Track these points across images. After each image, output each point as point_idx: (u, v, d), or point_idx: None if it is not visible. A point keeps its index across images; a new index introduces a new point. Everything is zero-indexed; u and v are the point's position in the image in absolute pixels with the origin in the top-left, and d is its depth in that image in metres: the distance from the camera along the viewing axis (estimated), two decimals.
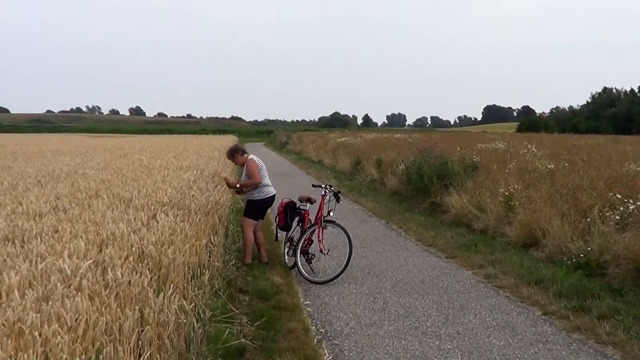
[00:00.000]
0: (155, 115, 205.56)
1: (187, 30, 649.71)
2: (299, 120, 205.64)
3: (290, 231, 8.41)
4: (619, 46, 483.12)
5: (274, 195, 8.49)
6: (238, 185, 8.43)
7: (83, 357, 3.29)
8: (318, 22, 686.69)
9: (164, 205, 7.83)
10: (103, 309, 3.82)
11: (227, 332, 5.17)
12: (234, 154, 8.65)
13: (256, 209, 8.35)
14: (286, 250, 8.43)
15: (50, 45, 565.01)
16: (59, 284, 4.02)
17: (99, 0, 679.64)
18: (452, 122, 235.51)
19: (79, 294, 3.91)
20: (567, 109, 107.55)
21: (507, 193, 10.18)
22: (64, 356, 3.20)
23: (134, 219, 6.66)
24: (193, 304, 4.72)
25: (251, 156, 8.58)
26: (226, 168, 15.84)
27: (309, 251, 7.95)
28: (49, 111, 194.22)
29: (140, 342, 3.80)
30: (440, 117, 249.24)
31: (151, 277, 4.64)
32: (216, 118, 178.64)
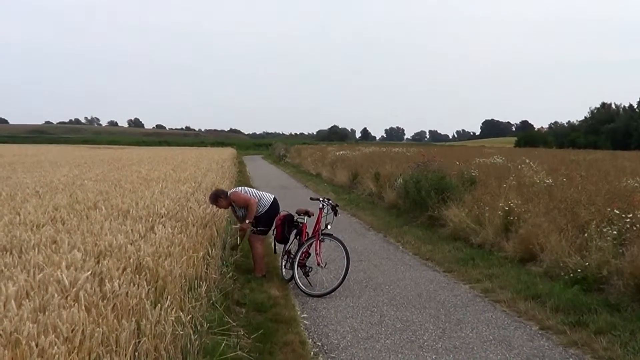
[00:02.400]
0: (153, 127, 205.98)
1: (186, 44, 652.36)
2: (298, 133, 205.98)
3: (288, 244, 8.40)
4: (617, 62, 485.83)
5: (274, 199, 8.49)
6: (248, 221, 8.30)
7: None
8: (317, 35, 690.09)
9: (162, 217, 7.85)
10: (100, 320, 3.82)
11: (223, 344, 5.15)
12: (217, 199, 8.47)
13: (263, 223, 8.33)
14: (283, 263, 8.42)
15: (49, 56, 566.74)
16: (56, 295, 4.03)
17: (98, 15, 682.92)
18: (450, 137, 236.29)
19: (76, 304, 3.92)
20: (565, 124, 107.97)
21: (506, 208, 10.19)
22: None
23: (132, 230, 6.67)
24: (190, 315, 4.71)
25: (231, 190, 8.59)
26: (224, 180, 15.87)
27: (307, 264, 7.93)
28: (47, 122, 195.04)
29: (136, 354, 3.79)
30: (438, 132, 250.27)
31: (148, 289, 4.65)
32: (215, 130, 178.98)
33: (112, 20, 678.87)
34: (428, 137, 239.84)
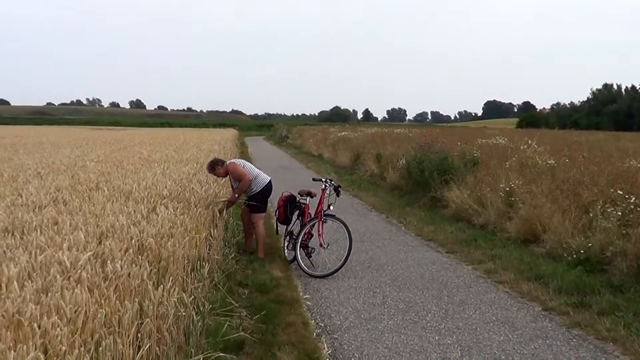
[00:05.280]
0: (155, 109, 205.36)
1: (188, 24, 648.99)
2: (299, 114, 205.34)
3: (290, 225, 8.38)
4: (620, 43, 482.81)
5: (270, 181, 8.47)
6: (237, 195, 8.38)
7: (82, 349, 3.28)
8: (319, 16, 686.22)
9: (164, 198, 7.84)
10: (102, 301, 3.82)
11: (226, 325, 5.16)
12: (214, 166, 8.54)
13: (260, 200, 8.33)
14: (286, 244, 8.41)
15: (51, 37, 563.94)
16: (58, 276, 4.03)
17: None
18: (452, 118, 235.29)
19: (79, 286, 3.91)
20: (567, 105, 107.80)
21: (507, 188, 10.15)
22: (63, 348, 3.20)
23: (134, 211, 6.66)
24: (192, 296, 4.71)
25: (230, 161, 8.59)
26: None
27: (309, 245, 7.93)
28: (49, 103, 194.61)
29: (139, 335, 3.79)
30: (440, 112, 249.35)
31: (151, 270, 4.64)
32: (216, 111, 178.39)
33: (116, 1, 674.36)
34: (430, 118, 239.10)
